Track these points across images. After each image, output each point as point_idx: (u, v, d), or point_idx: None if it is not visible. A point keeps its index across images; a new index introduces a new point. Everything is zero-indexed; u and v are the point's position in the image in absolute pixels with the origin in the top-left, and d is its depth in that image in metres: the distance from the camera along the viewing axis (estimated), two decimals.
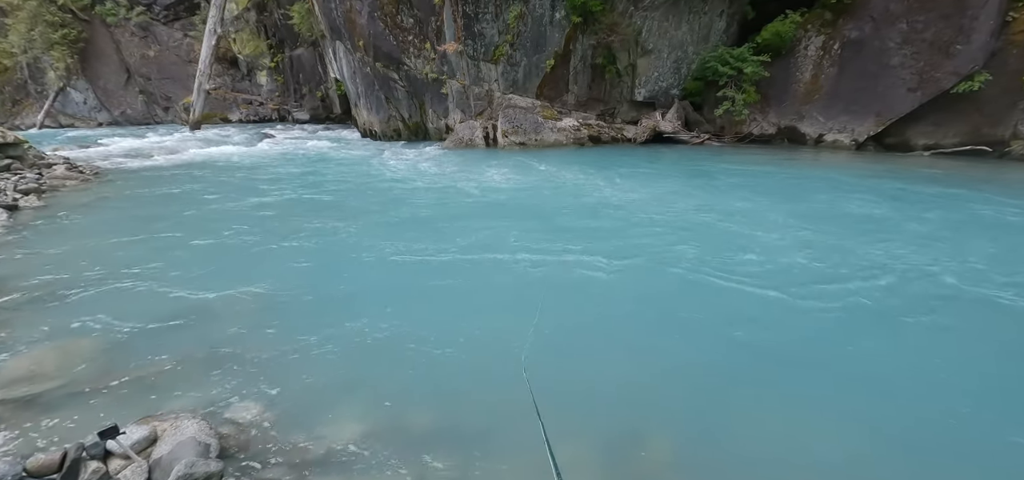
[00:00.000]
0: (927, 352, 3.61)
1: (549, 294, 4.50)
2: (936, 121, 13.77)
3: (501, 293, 4.64)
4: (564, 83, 15.93)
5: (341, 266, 5.30)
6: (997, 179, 10.40)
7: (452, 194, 8.79)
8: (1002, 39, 12.31)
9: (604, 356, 3.58)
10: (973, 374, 3.36)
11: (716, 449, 2.67)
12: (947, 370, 3.39)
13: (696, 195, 8.70)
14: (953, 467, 2.56)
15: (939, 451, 2.66)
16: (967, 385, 3.23)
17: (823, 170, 11.77)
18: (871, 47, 13.77)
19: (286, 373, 3.31)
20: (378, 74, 16.74)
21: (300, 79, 26.89)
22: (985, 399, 3.08)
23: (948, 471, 2.53)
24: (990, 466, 2.56)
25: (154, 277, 4.89)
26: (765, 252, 5.56)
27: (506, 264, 5.28)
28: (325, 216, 7.25)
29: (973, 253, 5.55)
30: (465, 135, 15.90)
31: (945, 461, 2.59)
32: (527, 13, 14.26)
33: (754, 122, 16.12)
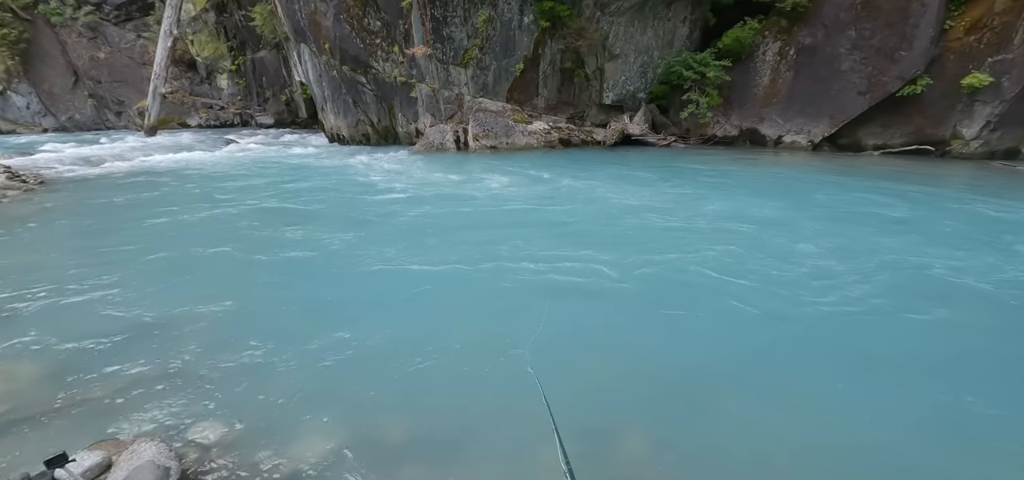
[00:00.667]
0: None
1: (544, 299, 4.52)
2: (884, 123, 14.60)
3: (480, 299, 4.63)
4: (534, 87, 16.05)
5: (310, 277, 5.17)
6: (939, 176, 11.11)
7: (426, 199, 8.71)
8: (940, 46, 13.18)
9: (604, 357, 3.62)
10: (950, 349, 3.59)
11: (700, 439, 2.75)
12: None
13: (680, 195, 8.92)
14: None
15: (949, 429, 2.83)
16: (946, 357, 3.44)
17: (784, 169, 12.28)
18: (824, 53, 14.47)
19: (251, 389, 3.20)
20: (345, 77, 16.43)
21: (263, 82, 26.09)
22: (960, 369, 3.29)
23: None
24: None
25: (107, 293, 4.64)
26: (745, 246, 5.77)
27: (486, 270, 5.27)
28: (292, 225, 7.05)
29: (917, 240, 5.93)
30: (436, 139, 15.79)
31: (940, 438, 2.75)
32: (495, 17, 14.30)
33: (718, 124, 16.67)
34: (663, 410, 3.05)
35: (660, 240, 6.29)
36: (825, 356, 3.63)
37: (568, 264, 5.33)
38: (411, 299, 4.58)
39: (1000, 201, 8.51)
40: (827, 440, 2.77)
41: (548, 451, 2.64)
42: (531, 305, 4.41)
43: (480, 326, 4.07)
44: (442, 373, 3.40)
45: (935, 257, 5.57)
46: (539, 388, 2.39)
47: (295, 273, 5.25)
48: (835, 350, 3.70)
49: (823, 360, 3.58)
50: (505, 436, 2.79)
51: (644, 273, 5.10)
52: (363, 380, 3.33)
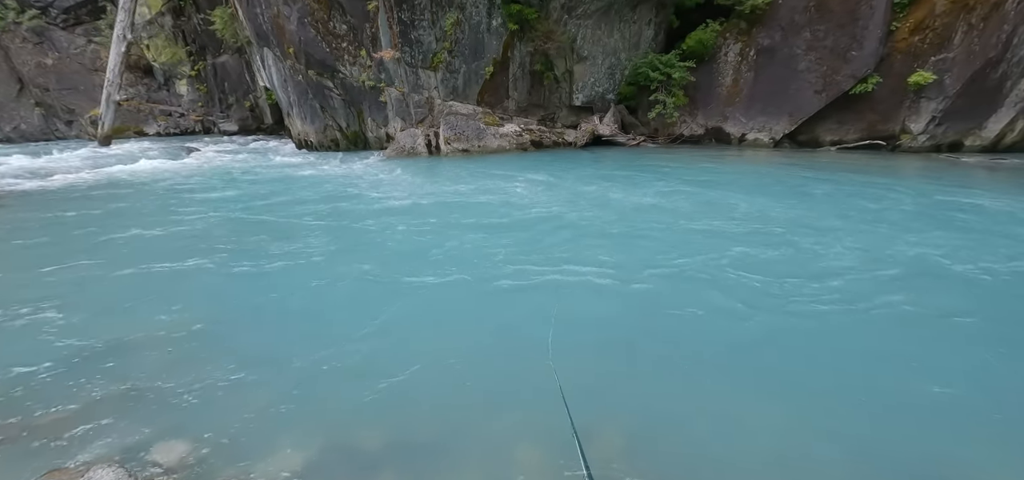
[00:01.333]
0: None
1: (536, 300, 4.54)
2: (839, 119, 15.31)
3: (459, 304, 4.62)
4: (504, 89, 16.11)
5: (280, 288, 5.04)
6: (893, 169, 11.73)
7: (399, 205, 8.62)
8: (888, 46, 13.93)
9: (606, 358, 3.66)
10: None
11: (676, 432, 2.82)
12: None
13: (660, 192, 9.11)
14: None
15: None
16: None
17: (752, 166, 12.71)
18: (781, 54, 15.08)
19: (217, 407, 3.11)
20: (311, 82, 16.09)
21: (225, 88, 25.26)
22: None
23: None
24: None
25: (59, 315, 4.41)
26: (720, 241, 5.95)
27: (464, 275, 5.26)
28: (258, 235, 6.86)
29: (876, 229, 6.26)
30: (407, 143, 15.65)
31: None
32: (464, 20, 14.30)
33: (684, 124, 17.13)
34: (650, 405, 3.12)
35: (643, 238, 6.42)
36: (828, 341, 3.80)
37: (549, 266, 5.39)
38: (385, 308, 4.53)
39: (948, 187, 9.08)
40: (808, 428, 2.90)
41: (528, 453, 2.67)
42: (511, 308, 4.43)
43: (458, 330, 4.07)
44: (421, 380, 3.38)
45: (896, 238, 5.89)
46: (560, 392, 2.36)
47: (263, 285, 5.12)
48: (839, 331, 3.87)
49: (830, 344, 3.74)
50: (486, 439, 2.80)
51: (629, 270, 5.21)
52: (337, 392, 3.27)
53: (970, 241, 6.08)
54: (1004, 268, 5.17)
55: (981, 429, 2.83)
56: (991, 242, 6.05)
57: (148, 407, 3.12)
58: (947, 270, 5.17)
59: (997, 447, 2.69)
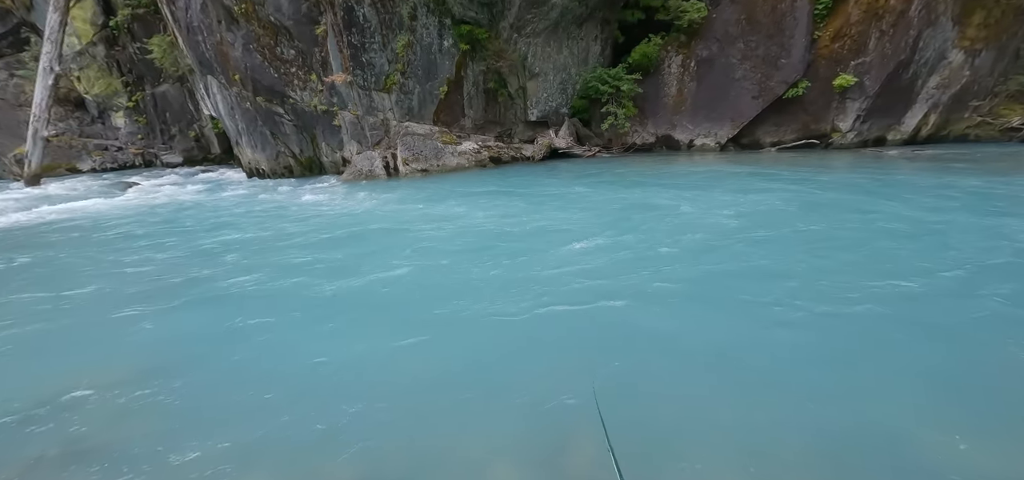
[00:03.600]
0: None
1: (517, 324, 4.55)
2: (776, 122, 16.34)
3: (424, 328, 4.58)
4: (459, 108, 16.24)
5: (236, 327, 4.84)
6: (827, 166, 12.60)
7: (361, 229, 8.47)
8: (813, 53, 15.05)
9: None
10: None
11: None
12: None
13: (631, 198, 9.36)
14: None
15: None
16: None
17: (702, 167, 13.32)
18: (720, 63, 16.00)
19: (168, 456, 2.95)
20: (260, 109, 15.65)
21: (167, 119, 24.13)
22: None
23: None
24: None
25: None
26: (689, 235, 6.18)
27: (433, 295, 5.23)
28: (211, 271, 6.57)
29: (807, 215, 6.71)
30: (364, 166, 15.44)
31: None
32: (415, 42, 14.36)
33: (636, 133, 17.79)
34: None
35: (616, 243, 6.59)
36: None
37: (522, 280, 5.44)
38: (345, 335, 4.44)
39: (876, 177, 9.86)
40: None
41: (500, 473, 2.69)
42: (481, 331, 4.44)
43: (421, 356, 4.04)
44: (389, 412, 3.32)
45: (833, 221, 6.34)
46: (598, 415, 2.33)
47: (219, 322, 4.90)
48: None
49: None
50: (457, 463, 2.80)
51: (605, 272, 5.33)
52: (299, 430, 3.18)
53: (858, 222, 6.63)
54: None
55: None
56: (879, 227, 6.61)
57: (90, 465, 2.93)
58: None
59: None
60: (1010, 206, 7.44)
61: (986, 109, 15.10)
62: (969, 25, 14.18)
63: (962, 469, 2.47)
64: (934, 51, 14.37)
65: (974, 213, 7.14)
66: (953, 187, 9.00)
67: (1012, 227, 6.33)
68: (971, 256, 5.37)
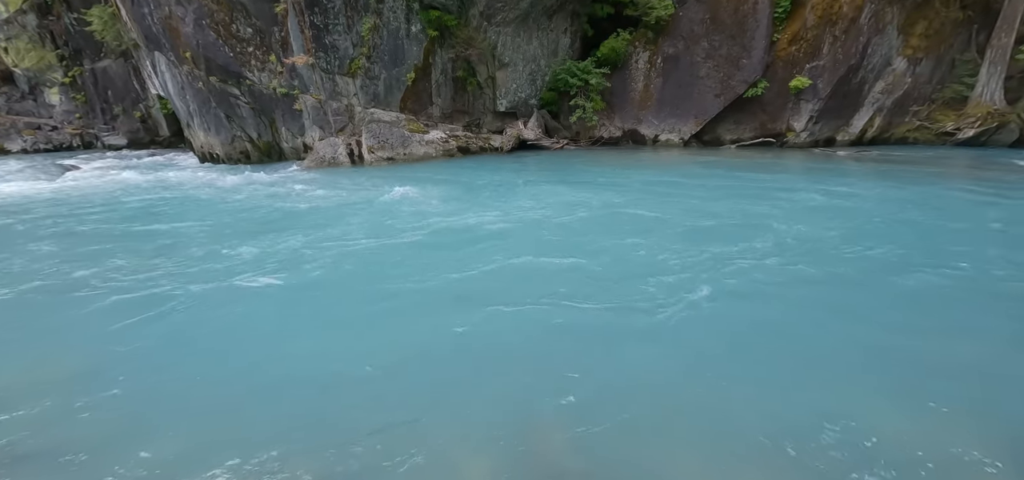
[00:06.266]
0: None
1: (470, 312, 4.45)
2: (736, 120, 16.92)
3: (382, 322, 4.45)
4: (427, 96, 15.92)
5: (183, 320, 4.56)
6: (782, 163, 13.18)
7: (322, 222, 8.15)
8: (772, 55, 15.65)
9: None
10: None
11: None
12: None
13: (606, 197, 9.41)
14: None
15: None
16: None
17: (669, 164, 13.63)
18: (685, 61, 16.38)
19: (113, 457, 2.74)
20: (214, 90, 14.79)
21: (109, 97, 22.46)
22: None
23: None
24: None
25: None
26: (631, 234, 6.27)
27: (393, 289, 5.08)
28: (153, 263, 6.16)
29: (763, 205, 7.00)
30: (327, 153, 14.92)
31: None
32: (381, 26, 13.93)
33: (603, 127, 18.00)
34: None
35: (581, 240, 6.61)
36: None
37: (487, 274, 5.37)
38: (298, 329, 4.27)
39: (824, 173, 10.39)
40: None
41: (471, 467, 2.64)
42: (454, 320, 4.36)
43: (380, 349, 3.93)
44: (349, 406, 3.21)
45: (792, 213, 6.63)
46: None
47: (166, 314, 4.60)
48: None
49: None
50: (419, 455, 2.73)
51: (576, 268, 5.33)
52: (253, 425, 3.02)
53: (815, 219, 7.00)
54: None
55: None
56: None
57: (25, 470, 2.67)
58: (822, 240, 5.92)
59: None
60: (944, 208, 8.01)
61: (924, 114, 16.17)
62: (912, 35, 15.11)
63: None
64: (881, 58, 15.24)
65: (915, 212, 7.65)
66: (892, 177, 9.61)
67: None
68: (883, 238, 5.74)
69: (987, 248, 5.76)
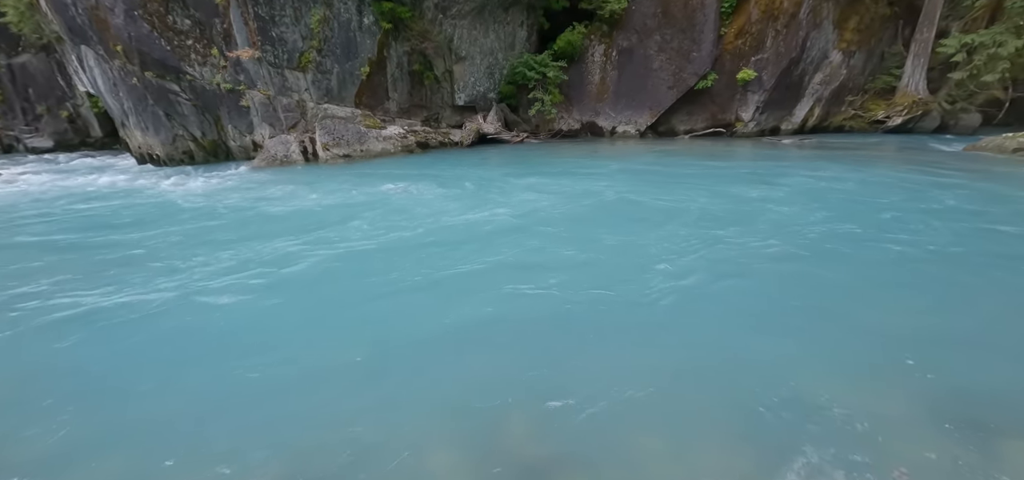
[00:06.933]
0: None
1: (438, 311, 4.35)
2: (689, 111, 17.50)
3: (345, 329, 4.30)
4: (383, 90, 15.53)
5: (123, 336, 4.24)
6: (732, 152, 13.74)
7: (283, 226, 7.78)
8: (720, 48, 16.25)
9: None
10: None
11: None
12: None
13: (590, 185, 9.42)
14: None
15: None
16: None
17: (632, 154, 13.91)
18: (639, 54, 16.75)
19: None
20: (151, 86, 13.83)
21: (30, 95, 20.60)
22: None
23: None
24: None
25: None
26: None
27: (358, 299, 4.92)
28: (98, 276, 5.71)
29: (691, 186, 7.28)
30: (278, 152, 14.31)
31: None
32: (332, 17, 13.44)
33: (562, 119, 18.16)
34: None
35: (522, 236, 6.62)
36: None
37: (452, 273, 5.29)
38: (249, 336, 4.07)
39: (770, 160, 10.92)
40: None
41: (437, 464, 2.59)
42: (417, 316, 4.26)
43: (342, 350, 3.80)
44: (310, 409, 3.08)
45: (747, 193, 6.91)
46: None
47: (101, 331, 4.26)
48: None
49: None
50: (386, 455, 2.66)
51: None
52: (197, 435, 2.85)
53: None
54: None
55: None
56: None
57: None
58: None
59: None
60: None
61: (858, 104, 17.28)
62: (846, 29, 16.09)
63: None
64: (818, 51, 16.14)
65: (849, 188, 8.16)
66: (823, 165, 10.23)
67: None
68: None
69: (922, 222, 6.29)
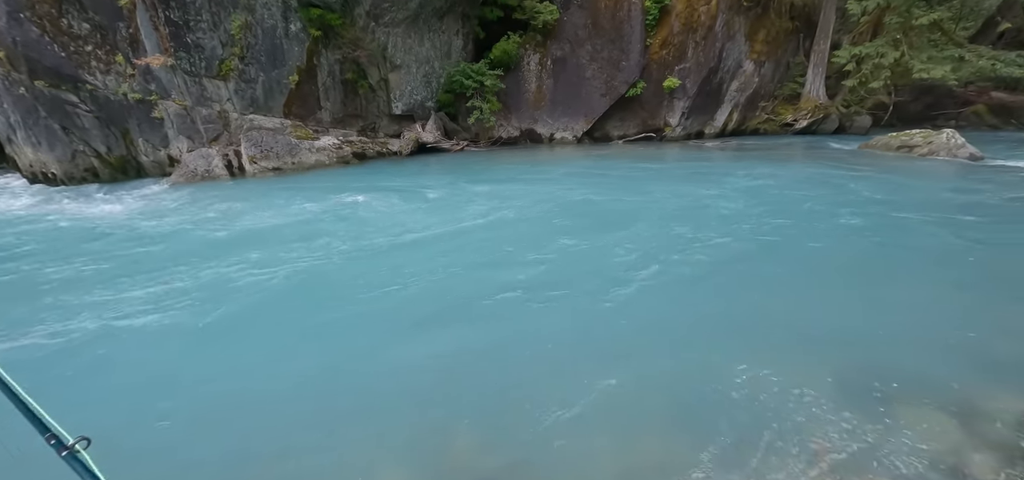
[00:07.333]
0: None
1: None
2: (621, 118, 18.30)
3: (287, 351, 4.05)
4: (315, 99, 14.93)
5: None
6: (661, 155, 14.52)
7: (219, 248, 7.18)
8: (647, 58, 17.17)
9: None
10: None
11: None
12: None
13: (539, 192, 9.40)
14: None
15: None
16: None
17: (571, 158, 14.26)
18: (572, 63, 17.32)
19: None
20: (42, 97, 12.41)
21: None
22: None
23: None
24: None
25: None
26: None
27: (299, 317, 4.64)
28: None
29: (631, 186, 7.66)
30: (199, 166, 13.31)
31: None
32: (255, 23, 12.76)
33: (501, 127, 18.34)
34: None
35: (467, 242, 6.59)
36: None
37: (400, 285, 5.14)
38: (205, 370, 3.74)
39: (696, 161, 11.66)
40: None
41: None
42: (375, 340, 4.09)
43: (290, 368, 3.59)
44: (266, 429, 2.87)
45: (673, 190, 7.29)
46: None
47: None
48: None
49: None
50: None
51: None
52: None
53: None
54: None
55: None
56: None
57: None
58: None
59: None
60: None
61: (770, 108, 18.91)
62: (756, 41, 17.58)
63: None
64: (734, 61, 17.51)
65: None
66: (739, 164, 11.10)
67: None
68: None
69: (840, 211, 7.08)
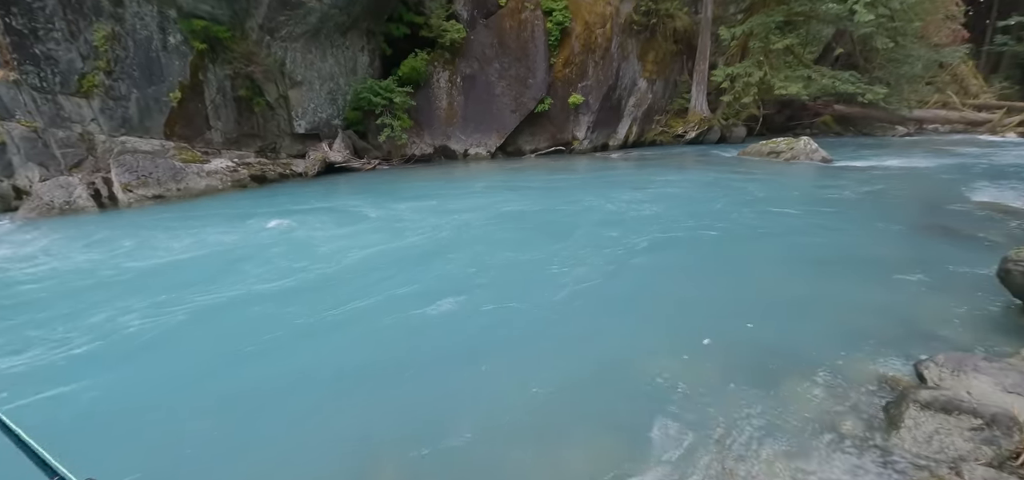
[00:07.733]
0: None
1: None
2: (532, 132, 18.96)
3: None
4: (202, 119, 13.63)
5: None
6: (572, 167, 15.25)
7: (96, 296, 6.10)
8: (552, 76, 18.04)
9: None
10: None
11: None
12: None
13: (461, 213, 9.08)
14: None
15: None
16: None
17: (487, 172, 14.38)
18: (482, 81, 17.66)
19: None
20: None
21: None
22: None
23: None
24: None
25: None
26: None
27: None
28: None
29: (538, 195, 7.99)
30: (56, 198, 11.43)
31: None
32: (124, 35, 11.40)
33: (414, 144, 18.09)
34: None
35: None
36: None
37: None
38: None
39: (608, 171, 12.41)
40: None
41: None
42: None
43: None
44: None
45: (583, 198, 7.64)
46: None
47: None
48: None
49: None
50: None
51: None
52: None
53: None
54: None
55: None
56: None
57: None
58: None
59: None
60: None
61: (663, 122, 20.79)
62: (648, 62, 19.28)
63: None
64: (630, 79, 19.03)
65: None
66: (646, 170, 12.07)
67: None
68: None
69: (738, 208, 7.85)
